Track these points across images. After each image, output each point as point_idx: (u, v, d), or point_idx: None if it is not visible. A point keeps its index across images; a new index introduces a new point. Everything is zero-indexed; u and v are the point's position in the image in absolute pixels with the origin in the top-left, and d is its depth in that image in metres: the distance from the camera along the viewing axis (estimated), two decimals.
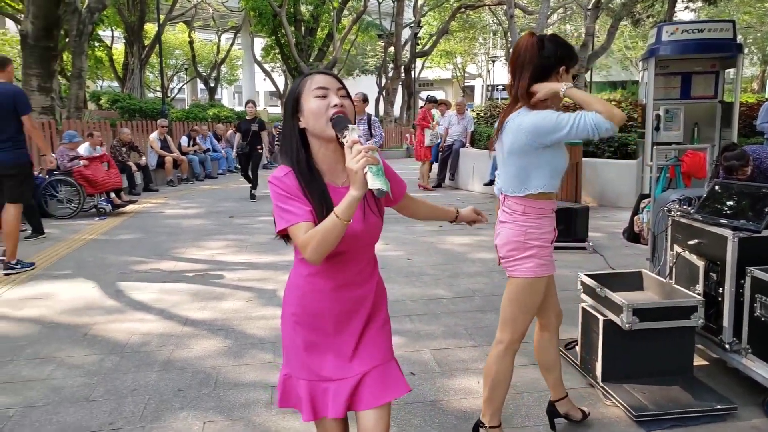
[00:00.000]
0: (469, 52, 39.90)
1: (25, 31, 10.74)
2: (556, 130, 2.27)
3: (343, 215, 1.53)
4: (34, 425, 2.86)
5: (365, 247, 1.76)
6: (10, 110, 5.46)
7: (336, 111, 1.62)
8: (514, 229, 2.43)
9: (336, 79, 1.71)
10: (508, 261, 2.47)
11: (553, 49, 2.36)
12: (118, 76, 25.38)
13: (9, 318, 4.42)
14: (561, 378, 2.88)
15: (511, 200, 2.46)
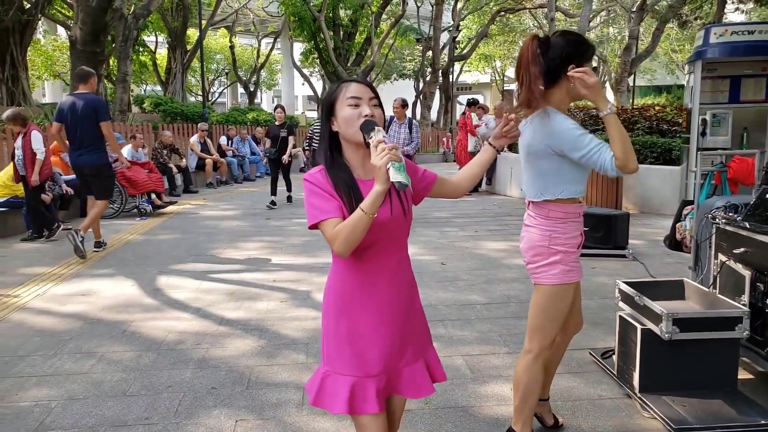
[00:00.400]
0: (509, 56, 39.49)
1: (74, 37, 11.13)
2: (572, 148, 2.23)
3: (369, 209, 1.61)
4: (74, 417, 2.94)
5: (395, 238, 1.81)
6: (92, 118, 6.16)
7: (367, 118, 1.71)
8: (538, 233, 2.38)
9: (370, 88, 1.78)
10: (533, 267, 2.42)
11: (558, 49, 2.27)
12: (161, 80, 26.00)
13: (54, 313, 4.55)
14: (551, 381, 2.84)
15: (535, 205, 2.41)
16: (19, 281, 5.41)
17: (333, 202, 1.70)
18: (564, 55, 2.26)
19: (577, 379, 3.37)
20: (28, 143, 6.74)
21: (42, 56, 24.04)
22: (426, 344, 1.94)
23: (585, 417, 2.95)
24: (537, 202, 2.39)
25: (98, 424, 2.86)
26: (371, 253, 1.76)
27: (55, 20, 21.72)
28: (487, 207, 9.98)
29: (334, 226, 1.67)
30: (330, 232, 1.67)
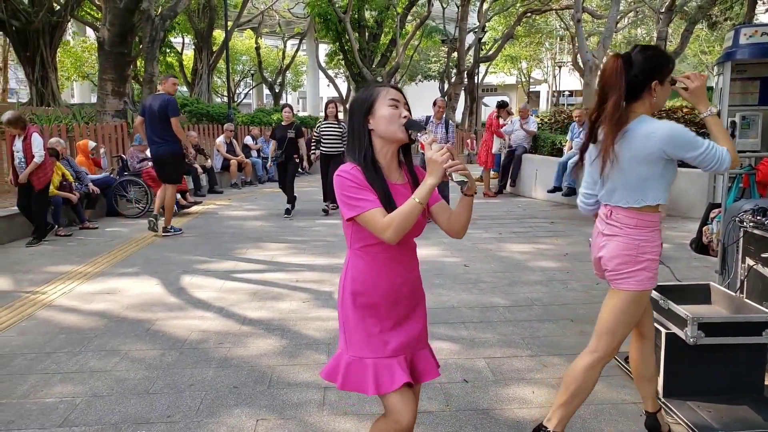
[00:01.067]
0: (535, 57, 39.21)
1: (101, 38, 11.32)
2: (690, 147, 2.27)
3: (422, 199, 1.80)
4: (98, 414, 2.98)
5: (411, 234, 1.95)
6: (166, 114, 7.23)
7: (406, 119, 1.89)
8: (626, 242, 2.39)
9: (403, 96, 1.96)
10: (616, 274, 2.42)
11: (640, 65, 2.35)
12: (187, 80, 26.34)
13: (79, 311, 4.64)
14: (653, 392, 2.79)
15: (623, 213, 2.41)
16: (46, 279, 5.52)
17: (373, 194, 1.85)
18: (646, 71, 2.35)
19: (601, 383, 3.29)
20: (29, 147, 6.86)
21: (71, 57, 24.55)
22: (427, 335, 2.08)
23: (608, 421, 2.91)
24: (627, 210, 2.40)
25: (121, 421, 2.90)
26: (393, 248, 1.91)
27: (84, 22, 22.17)
28: (511, 209, 9.91)
29: (384, 215, 1.82)
30: (381, 221, 1.81)
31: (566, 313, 4.52)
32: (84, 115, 12.67)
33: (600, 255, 2.48)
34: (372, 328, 1.92)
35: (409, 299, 1.99)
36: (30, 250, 6.79)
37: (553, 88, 42.59)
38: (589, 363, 2.48)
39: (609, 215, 2.46)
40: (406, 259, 2.00)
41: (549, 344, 3.90)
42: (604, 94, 2.37)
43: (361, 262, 1.94)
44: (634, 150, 2.33)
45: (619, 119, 2.32)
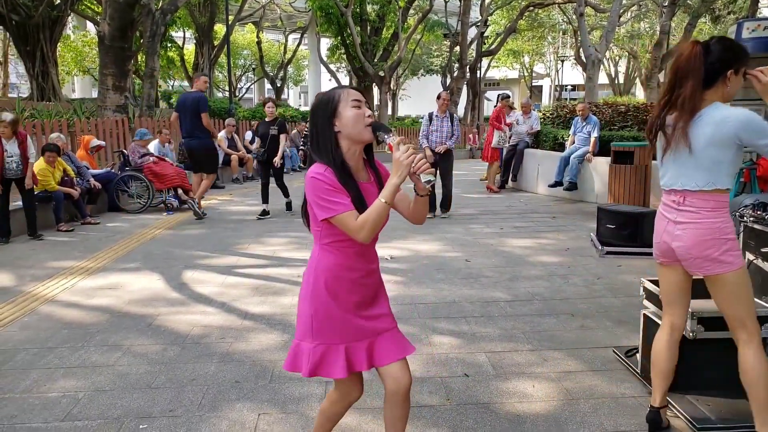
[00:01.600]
0: (537, 52, 39.13)
1: (102, 33, 11.31)
2: (763, 135, 2.31)
3: (388, 199, 1.89)
4: (100, 408, 3.00)
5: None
6: (196, 110, 8.13)
7: (372, 120, 1.96)
8: (707, 227, 2.42)
9: (364, 96, 2.03)
10: (707, 261, 2.44)
11: (718, 53, 2.40)
12: (188, 75, 26.32)
13: (82, 306, 4.65)
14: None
15: (696, 197, 2.44)
16: (48, 274, 5.53)
17: (346, 196, 1.92)
18: (723, 60, 2.40)
19: (600, 376, 3.33)
20: (26, 149, 6.89)
21: (72, 52, 24.53)
22: (393, 320, 2.16)
23: (608, 415, 2.91)
24: (700, 194, 2.43)
25: (124, 416, 2.92)
26: (356, 243, 1.99)
27: (85, 16, 22.15)
28: (513, 204, 9.91)
29: (356, 217, 1.90)
30: (354, 222, 1.90)
31: (567, 307, 4.52)
32: (85, 110, 12.68)
33: (677, 244, 2.50)
34: (340, 316, 2.03)
35: (372, 288, 2.11)
36: (32, 245, 6.81)
37: (556, 83, 42.49)
38: (756, 352, 2.46)
39: (682, 201, 2.48)
40: (371, 252, 2.11)
41: (549, 338, 3.90)
42: (678, 79, 2.43)
43: (330, 256, 2.02)
44: (709, 134, 2.38)
45: (695, 104, 2.39)
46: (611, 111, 11.21)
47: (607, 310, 4.44)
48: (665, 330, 2.72)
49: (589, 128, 9.81)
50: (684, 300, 2.70)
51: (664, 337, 2.71)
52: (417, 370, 3.42)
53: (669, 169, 2.54)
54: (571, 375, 3.36)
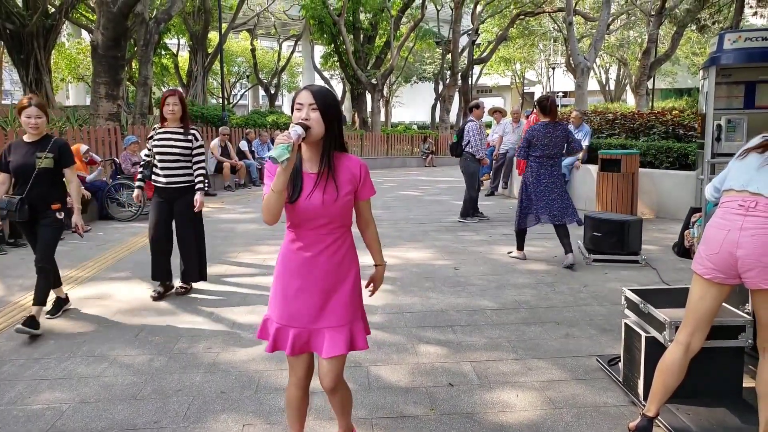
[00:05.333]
0: (529, 59, 39.34)
1: (95, 42, 11.33)
2: None
3: (273, 187, 2.09)
4: (84, 420, 3.01)
5: (321, 222, 2.23)
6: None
7: (300, 122, 2.13)
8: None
9: (313, 95, 2.17)
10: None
11: None
12: (182, 82, 26.30)
13: (69, 316, 4.65)
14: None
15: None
16: None
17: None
18: None
19: (583, 385, 3.37)
20: None
21: (66, 59, 24.50)
22: (352, 318, 2.31)
23: (589, 424, 2.95)
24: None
25: (108, 428, 2.93)
26: (304, 230, 2.24)
27: (79, 24, 22.17)
28: (502, 210, 9.96)
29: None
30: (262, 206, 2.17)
31: (553, 315, 4.56)
32: (78, 117, 12.68)
33: (743, 252, 2.39)
34: (282, 297, 2.28)
35: (322, 280, 2.26)
36: (21, 254, 6.80)
37: (547, 89, 42.72)
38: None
39: (753, 206, 2.40)
40: (322, 244, 2.25)
41: (534, 347, 3.94)
42: None
43: (287, 238, 2.31)
44: None
45: None
46: (599, 119, 11.30)
47: (592, 318, 4.48)
48: (680, 348, 2.66)
49: (579, 136, 9.90)
50: (709, 324, 2.64)
51: (678, 354, 2.66)
52: (402, 380, 3.45)
53: (744, 171, 2.48)
54: (555, 384, 3.39)
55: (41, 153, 4.26)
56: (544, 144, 6.03)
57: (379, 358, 3.75)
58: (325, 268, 2.25)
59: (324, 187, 2.19)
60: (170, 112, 4.94)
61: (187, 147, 4.98)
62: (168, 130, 4.99)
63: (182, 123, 5.02)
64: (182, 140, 4.97)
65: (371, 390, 3.31)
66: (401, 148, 24.08)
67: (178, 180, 5.00)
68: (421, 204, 11.20)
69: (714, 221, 2.55)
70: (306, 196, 2.18)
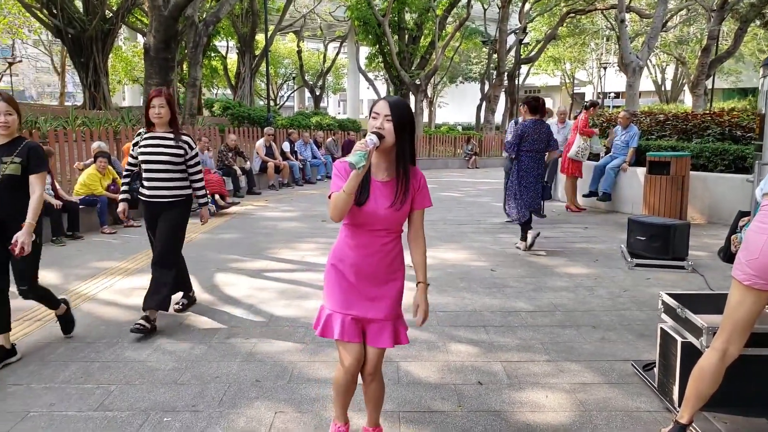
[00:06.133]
0: (579, 59, 38.62)
1: (147, 44, 11.74)
2: None
3: (345, 188, 2.22)
4: (129, 401, 3.17)
5: (381, 225, 2.38)
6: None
7: (375, 131, 2.28)
8: None
9: (389, 106, 2.31)
10: None
11: None
12: (231, 84, 26.95)
13: (119, 305, 4.88)
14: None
15: None
16: (91, 274, 5.81)
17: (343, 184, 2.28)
18: None
19: (616, 389, 3.34)
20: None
21: (122, 62, 25.43)
22: (397, 315, 2.49)
23: (620, 428, 2.93)
24: None
25: (150, 408, 3.09)
26: (361, 230, 2.40)
27: (135, 28, 23.00)
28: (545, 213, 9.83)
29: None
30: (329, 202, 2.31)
31: (589, 319, 4.52)
32: (131, 117, 13.17)
33: None
34: (339, 288, 2.44)
35: (373, 277, 2.42)
36: (77, 246, 7.14)
37: (599, 90, 41.84)
38: None
39: None
40: (377, 244, 2.40)
41: (567, 350, 3.92)
42: None
43: (342, 235, 2.47)
44: None
45: None
46: (649, 120, 11.04)
47: (630, 323, 4.42)
48: (717, 355, 2.59)
49: (627, 137, 9.70)
50: (747, 331, 2.57)
51: (714, 361, 2.59)
52: (431, 376, 3.49)
53: None
54: (587, 387, 3.38)
55: (7, 158, 3.54)
56: (533, 139, 6.63)
57: (409, 354, 3.80)
58: (376, 267, 2.41)
59: (391, 196, 2.35)
60: (157, 116, 4.27)
61: (178, 155, 4.33)
62: (155, 135, 4.33)
63: (171, 128, 4.37)
64: (172, 147, 4.31)
65: (400, 385, 3.37)
66: (443, 149, 23.99)
67: (166, 194, 4.33)
68: (461, 205, 11.19)
69: (754, 225, 2.48)
70: (371, 201, 2.33)
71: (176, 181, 4.36)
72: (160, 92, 4.30)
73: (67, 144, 9.39)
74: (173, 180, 4.35)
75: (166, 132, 4.34)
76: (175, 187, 4.36)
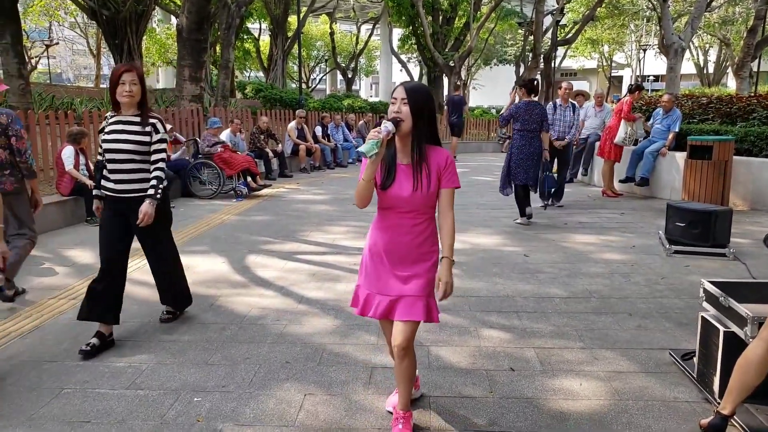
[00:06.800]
0: (618, 40, 37.57)
1: (180, 26, 11.79)
2: None
3: (362, 176, 2.37)
4: (161, 380, 3.20)
5: (407, 208, 2.45)
6: None
7: (392, 116, 2.37)
8: None
9: (405, 91, 2.39)
10: None
11: None
12: (263, 66, 27.02)
13: (151, 285, 4.88)
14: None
15: None
16: None
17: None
18: None
19: (653, 378, 3.24)
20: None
21: (156, 44, 25.70)
22: (429, 293, 2.53)
23: (656, 418, 2.84)
24: None
25: (180, 388, 3.10)
26: (390, 213, 2.50)
27: (168, 10, 23.17)
28: (580, 198, 9.65)
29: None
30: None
31: (625, 306, 4.40)
32: (165, 99, 13.31)
33: None
34: (369, 267, 2.57)
35: (403, 258, 2.50)
36: None
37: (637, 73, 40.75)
38: None
39: None
40: (405, 225, 2.48)
41: (602, 337, 3.82)
42: None
43: (376, 218, 2.58)
44: None
45: None
46: (691, 102, 10.68)
47: (667, 311, 4.29)
48: (763, 345, 2.52)
49: (669, 121, 9.40)
50: None
51: (760, 352, 2.53)
52: (462, 361, 3.44)
53: None
54: (622, 375, 3.28)
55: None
56: (525, 119, 7.09)
57: (440, 339, 3.75)
58: (407, 248, 2.49)
59: (413, 178, 2.42)
60: (128, 94, 3.57)
61: (145, 143, 3.64)
62: (120, 119, 3.65)
63: (140, 110, 3.69)
64: (139, 133, 3.63)
65: (431, 369, 3.33)
66: (477, 132, 23.68)
67: (133, 188, 3.67)
68: (494, 189, 10.97)
69: None
70: (396, 185, 2.42)
71: (143, 173, 3.68)
72: (131, 67, 3.65)
73: None
74: (140, 172, 3.67)
75: (133, 115, 3.66)
76: (140, 179, 3.67)
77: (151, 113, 3.74)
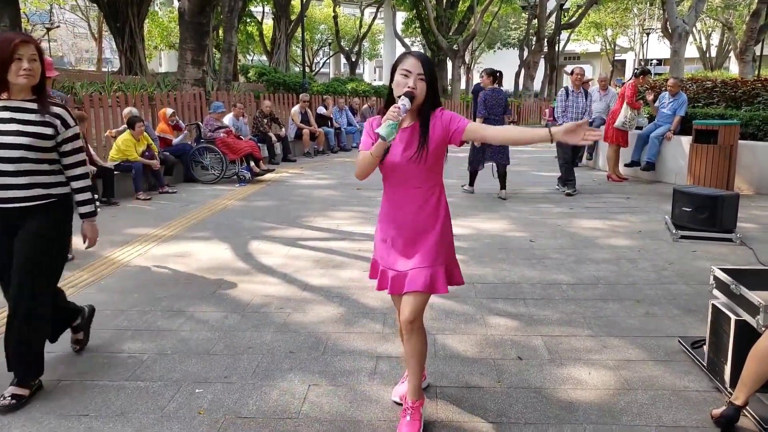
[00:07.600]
0: (621, 24, 37.21)
1: (182, 9, 11.65)
2: None
3: (373, 152, 2.34)
4: (161, 371, 3.15)
5: (411, 177, 2.42)
6: None
7: (408, 90, 2.29)
8: None
9: (422, 63, 2.33)
10: None
11: None
12: (266, 50, 26.80)
13: (152, 272, 4.89)
14: None
15: None
16: (125, 240, 5.84)
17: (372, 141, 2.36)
18: None
19: (662, 367, 3.19)
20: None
21: (158, 27, 25.49)
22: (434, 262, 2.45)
23: (666, 407, 2.79)
24: None
25: (182, 379, 3.05)
26: (396, 185, 2.47)
27: None
28: (585, 183, 9.55)
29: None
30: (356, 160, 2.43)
31: (633, 293, 4.34)
32: (167, 83, 13.19)
33: None
34: (381, 241, 2.58)
35: (412, 227, 2.47)
36: (112, 212, 7.20)
37: (640, 57, 40.38)
38: None
39: None
40: (413, 196, 2.45)
41: (610, 324, 3.76)
42: None
43: (384, 192, 2.55)
44: None
45: None
46: (696, 86, 10.54)
47: (675, 298, 4.23)
48: None
49: (675, 105, 9.27)
50: None
51: None
52: (469, 350, 3.39)
53: None
54: (631, 364, 3.23)
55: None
56: (491, 105, 7.85)
57: (446, 327, 3.70)
58: (412, 220, 2.46)
59: (413, 147, 2.37)
60: (26, 73, 2.69)
61: (45, 136, 2.76)
62: (6, 106, 2.75)
63: (36, 94, 2.81)
64: (36, 123, 2.75)
65: (437, 358, 3.27)
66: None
67: (21, 196, 2.76)
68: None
69: None
70: (394, 155, 2.38)
71: (39, 176, 2.80)
72: (28, 38, 2.76)
73: (102, 109, 9.44)
74: (33, 174, 2.77)
75: (26, 100, 2.78)
76: (36, 184, 2.79)
77: (54, 102, 2.89)
